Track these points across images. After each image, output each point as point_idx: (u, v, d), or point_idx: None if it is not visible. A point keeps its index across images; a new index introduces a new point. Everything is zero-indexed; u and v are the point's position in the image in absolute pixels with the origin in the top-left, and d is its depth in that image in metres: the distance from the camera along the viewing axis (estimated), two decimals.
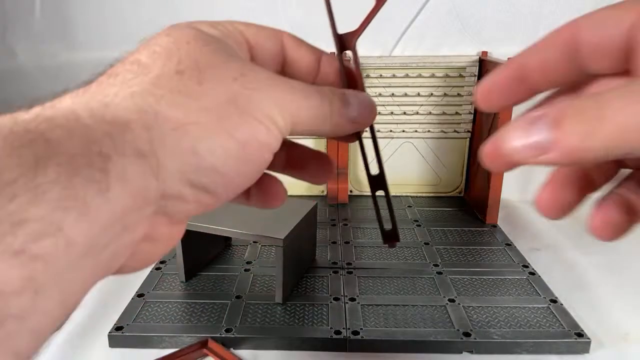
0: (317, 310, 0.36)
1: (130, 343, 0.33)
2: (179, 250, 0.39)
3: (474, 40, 0.53)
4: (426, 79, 0.54)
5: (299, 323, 0.34)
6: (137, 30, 0.54)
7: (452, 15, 0.53)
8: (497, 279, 0.40)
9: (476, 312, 0.35)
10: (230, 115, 0.17)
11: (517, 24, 0.53)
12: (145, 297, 0.38)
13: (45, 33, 0.55)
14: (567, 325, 0.34)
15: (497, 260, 0.43)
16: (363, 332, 0.33)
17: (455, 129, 0.56)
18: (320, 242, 0.45)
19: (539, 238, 0.49)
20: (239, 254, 0.44)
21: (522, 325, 0.34)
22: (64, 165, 0.13)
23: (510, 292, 0.38)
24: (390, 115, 0.55)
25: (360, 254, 0.44)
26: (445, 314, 0.35)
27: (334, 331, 0.33)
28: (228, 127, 0.17)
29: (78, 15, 0.54)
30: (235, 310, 0.36)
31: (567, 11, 0.52)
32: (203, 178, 0.17)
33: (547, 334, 0.33)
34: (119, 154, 0.14)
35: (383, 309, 0.36)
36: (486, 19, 0.53)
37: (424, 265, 0.42)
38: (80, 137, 0.14)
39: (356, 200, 0.57)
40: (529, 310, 0.36)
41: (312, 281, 0.40)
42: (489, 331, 0.33)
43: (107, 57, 0.51)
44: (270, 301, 0.37)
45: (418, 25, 0.53)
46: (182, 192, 0.17)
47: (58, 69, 0.56)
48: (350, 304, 0.36)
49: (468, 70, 0.53)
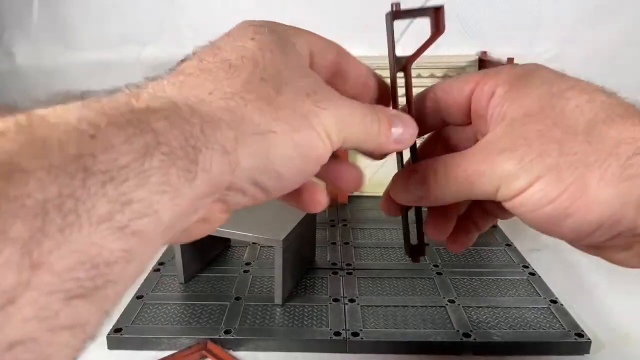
0: (316, 312, 0.36)
1: (129, 345, 0.33)
2: (178, 251, 0.39)
3: (473, 40, 0.53)
4: (426, 79, 0.54)
5: (298, 324, 0.34)
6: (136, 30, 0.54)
7: (451, 16, 0.53)
8: (497, 279, 0.40)
9: (476, 312, 0.35)
10: (301, 129, 0.20)
11: (516, 24, 0.53)
12: (144, 298, 0.37)
13: (43, 34, 0.54)
14: (567, 326, 0.34)
15: (497, 260, 0.43)
16: (363, 333, 0.33)
17: None
18: (319, 243, 0.45)
19: (539, 238, 0.49)
20: (238, 255, 0.44)
21: (522, 325, 0.34)
22: (167, 155, 0.15)
23: (510, 292, 0.38)
24: None
25: (359, 255, 0.44)
26: (445, 314, 0.35)
27: (333, 332, 0.33)
28: (297, 139, 0.19)
29: (76, 16, 0.54)
30: (234, 312, 0.36)
31: (567, 11, 0.52)
32: (266, 179, 0.19)
33: (547, 334, 0.33)
34: (208, 148, 0.17)
35: (383, 310, 0.36)
36: (486, 19, 0.53)
37: (424, 266, 0.42)
38: (180, 130, 0.16)
39: (356, 200, 0.57)
40: (529, 310, 0.36)
41: (312, 282, 0.40)
42: (489, 332, 0.33)
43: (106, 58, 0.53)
44: (269, 302, 0.37)
45: (417, 25, 0.53)
46: (245, 188, 0.19)
47: (56, 70, 0.56)
48: (349, 305, 0.36)
49: (468, 70, 0.53)
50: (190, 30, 0.54)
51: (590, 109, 0.23)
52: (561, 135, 0.22)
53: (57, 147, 0.13)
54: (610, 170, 0.21)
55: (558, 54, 0.53)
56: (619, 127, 0.22)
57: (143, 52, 0.55)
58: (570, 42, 0.53)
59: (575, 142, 0.22)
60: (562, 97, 0.23)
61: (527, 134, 0.22)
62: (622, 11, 0.51)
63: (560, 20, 0.52)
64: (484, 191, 0.23)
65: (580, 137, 0.22)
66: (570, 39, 0.53)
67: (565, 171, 0.21)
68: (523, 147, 0.22)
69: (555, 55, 0.53)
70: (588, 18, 0.52)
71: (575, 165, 0.21)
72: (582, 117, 0.23)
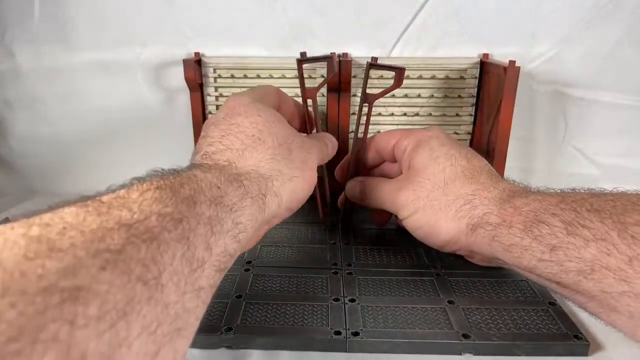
0: (317, 311, 0.36)
1: None
2: None
3: (474, 42, 0.53)
4: (427, 81, 0.54)
5: (298, 323, 0.34)
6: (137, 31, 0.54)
7: (451, 16, 0.53)
8: (496, 281, 0.40)
9: (475, 314, 0.35)
10: (305, 170, 0.34)
11: (516, 24, 0.53)
12: None
13: (44, 34, 0.54)
14: (565, 328, 0.34)
15: None
16: (363, 332, 0.33)
17: (455, 130, 0.56)
18: (319, 243, 0.46)
19: None
20: (239, 254, 0.44)
21: (521, 327, 0.34)
22: (252, 199, 0.29)
23: (509, 294, 0.38)
24: (390, 117, 0.55)
25: (360, 255, 0.44)
26: (445, 315, 0.35)
27: (333, 332, 0.33)
28: (306, 177, 0.34)
29: (77, 16, 0.54)
30: (235, 310, 0.36)
31: (567, 11, 0.52)
32: (294, 205, 0.34)
33: (546, 336, 0.33)
34: (268, 194, 0.31)
35: (383, 310, 0.36)
36: (486, 20, 0.53)
37: (424, 267, 0.42)
38: (257, 185, 0.30)
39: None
40: (528, 312, 0.36)
41: (312, 281, 0.40)
42: (488, 333, 0.33)
43: (106, 58, 0.53)
44: (270, 301, 0.37)
45: (417, 26, 0.53)
46: (283, 214, 0.34)
47: (57, 70, 0.56)
48: (350, 305, 0.36)
49: (469, 72, 0.53)
50: (191, 30, 0.54)
51: (450, 171, 0.37)
52: (430, 187, 0.37)
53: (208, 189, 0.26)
54: (450, 213, 0.36)
55: (558, 54, 0.53)
56: (462, 185, 0.36)
57: (143, 52, 0.55)
58: (570, 42, 0.53)
59: (437, 193, 0.37)
60: (436, 161, 0.38)
61: (413, 184, 0.38)
62: (622, 11, 0.51)
63: (560, 20, 0.52)
64: (393, 210, 0.40)
65: (440, 190, 0.37)
66: (570, 39, 0.53)
67: (428, 210, 0.37)
68: (410, 191, 0.38)
69: (555, 55, 0.53)
70: (588, 18, 0.52)
71: (434, 209, 0.37)
72: (444, 176, 0.37)
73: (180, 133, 0.59)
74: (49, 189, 0.63)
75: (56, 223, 0.17)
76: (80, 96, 0.57)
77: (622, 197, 0.30)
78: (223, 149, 0.31)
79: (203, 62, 0.54)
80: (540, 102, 0.56)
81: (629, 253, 0.26)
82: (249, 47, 0.55)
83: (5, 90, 0.58)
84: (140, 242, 0.19)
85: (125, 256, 0.17)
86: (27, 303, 0.14)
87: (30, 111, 0.59)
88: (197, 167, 0.28)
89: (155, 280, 0.18)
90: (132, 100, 0.57)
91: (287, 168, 0.32)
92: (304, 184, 0.34)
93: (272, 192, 0.31)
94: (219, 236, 0.24)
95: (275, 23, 0.54)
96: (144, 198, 0.21)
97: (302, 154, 0.34)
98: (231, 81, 0.55)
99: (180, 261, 0.20)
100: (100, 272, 0.16)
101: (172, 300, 0.19)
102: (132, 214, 0.20)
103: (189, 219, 0.22)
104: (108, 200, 0.20)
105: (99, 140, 0.60)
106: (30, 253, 0.15)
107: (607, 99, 0.56)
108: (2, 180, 0.64)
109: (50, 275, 0.15)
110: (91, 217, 0.18)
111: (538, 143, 0.59)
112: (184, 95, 0.56)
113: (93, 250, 0.17)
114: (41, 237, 0.16)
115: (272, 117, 0.34)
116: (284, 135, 0.33)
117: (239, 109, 0.34)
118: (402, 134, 0.42)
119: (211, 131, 0.33)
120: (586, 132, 0.58)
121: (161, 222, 0.20)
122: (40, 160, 0.62)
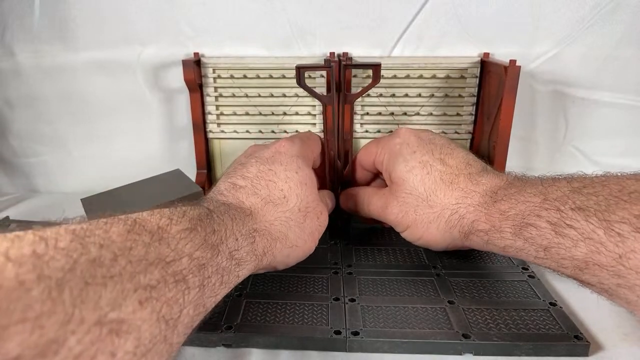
0: (317, 310, 0.36)
1: None
2: None
3: (474, 41, 0.53)
4: (427, 80, 0.54)
5: (298, 322, 0.34)
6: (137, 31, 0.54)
7: (452, 16, 0.53)
8: (497, 281, 0.40)
9: (475, 314, 0.35)
10: (308, 242, 0.37)
11: (516, 24, 0.52)
12: None
13: (44, 33, 0.54)
14: (566, 328, 0.34)
15: (497, 262, 0.43)
16: (363, 332, 0.33)
17: (456, 129, 0.56)
18: (320, 243, 0.45)
19: None
20: None
21: (522, 327, 0.34)
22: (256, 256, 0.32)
23: (509, 294, 0.38)
24: (391, 116, 0.55)
25: (360, 255, 0.44)
26: (445, 315, 0.35)
27: (333, 331, 0.33)
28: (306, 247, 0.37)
29: (77, 16, 0.54)
30: (235, 308, 0.36)
31: (567, 11, 0.52)
32: (280, 267, 0.36)
33: (546, 336, 0.33)
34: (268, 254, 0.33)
35: (383, 310, 0.36)
36: (486, 20, 0.52)
37: (424, 267, 0.42)
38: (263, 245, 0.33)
39: None
40: (529, 312, 0.36)
41: (313, 281, 0.40)
42: (488, 333, 0.33)
43: (107, 58, 0.53)
44: (270, 300, 0.37)
45: (417, 25, 0.53)
46: (279, 267, 0.36)
47: (57, 70, 0.56)
48: (350, 304, 0.36)
49: (469, 72, 0.53)
50: (190, 30, 0.54)
51: (429, 180, 0.38)
52: (414, 202, 0.38)
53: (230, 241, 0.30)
54: (441, 225, 0.37)
55: (559, 54, 0.53)
56: (444, 194, 0.37)
57: (143, 52, 0.55)
58: (571, 42, 0.53)
59: (422, 207, 0.38)
60: (411, 173, 0.39)
61: (398, 200, 0.39)
62: (622, 11, 0.51)
63: (560, 20, 0.52)
64: (387, 223, 0.42)
65: (425, 203, 0.38)
66: (571, 39, 0.53)
67: (419, 225, 0.38)
68: (396, 208, 0.39)
69: (555, 55, 0.53)
70: (588, 18, 0.52)
71: (424, 222, 0.38)
72: (424, 188, 0.38)
73: (180, 133, 0.59)
74: (49, 188, 0.63)
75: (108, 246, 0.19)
76: (80, 95, 0.57)
77: (603, 189, 0.29)
78: (250, 192, 0.34)
79: (202, 62, 0.54)
80: (541, 102, 0.56)
81: (618, 251, 0.27)
82: (249, 47, 0.55)
83: (6, 90, 0.58)
84: (172, 282, 0.21)
85: (158, 294, 0.20)
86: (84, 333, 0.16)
87: (30, 110, 0.59)
88: (227, 212, 0.31)
89: (174, 321, 0.21)
90: (132, 100, 0.57)
91: (294, 235, 0.35)
92: (300, 253, 0.36)
93: (271, 252, 0.33)
94: (223, 286, 0.28)
95: (275, 23, 0.54)
96: (181, 237, 0.24)
97: (313, 224, 0.37)
98: (231, 81, 0.55)
99: (193, 306, 0.23)
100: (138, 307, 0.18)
101: (175, 342, 0.21)
102: (170, 251, 0.23)
103: (208, 267, 0.25)
104: (151, 229, 0.23)
105: (99, 139, 0.60)
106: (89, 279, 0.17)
107: (607, 99, 0.56)
108: (2, 180, 0.64)
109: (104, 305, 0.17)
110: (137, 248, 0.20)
111: (538, 143, 0.59)
112: (184, 95, 0.56)
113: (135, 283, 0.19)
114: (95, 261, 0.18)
115: (305, 179, 0.36)
116: (307, 201, 0.36)
117: (282, 158, 0.37)
118: (376, 147, 0.43)
119: (251, 165, 0.36)
120: (586, 132, 0.58)
121: (189, 264, 0.24)
122: (40, 160, 0.62)
